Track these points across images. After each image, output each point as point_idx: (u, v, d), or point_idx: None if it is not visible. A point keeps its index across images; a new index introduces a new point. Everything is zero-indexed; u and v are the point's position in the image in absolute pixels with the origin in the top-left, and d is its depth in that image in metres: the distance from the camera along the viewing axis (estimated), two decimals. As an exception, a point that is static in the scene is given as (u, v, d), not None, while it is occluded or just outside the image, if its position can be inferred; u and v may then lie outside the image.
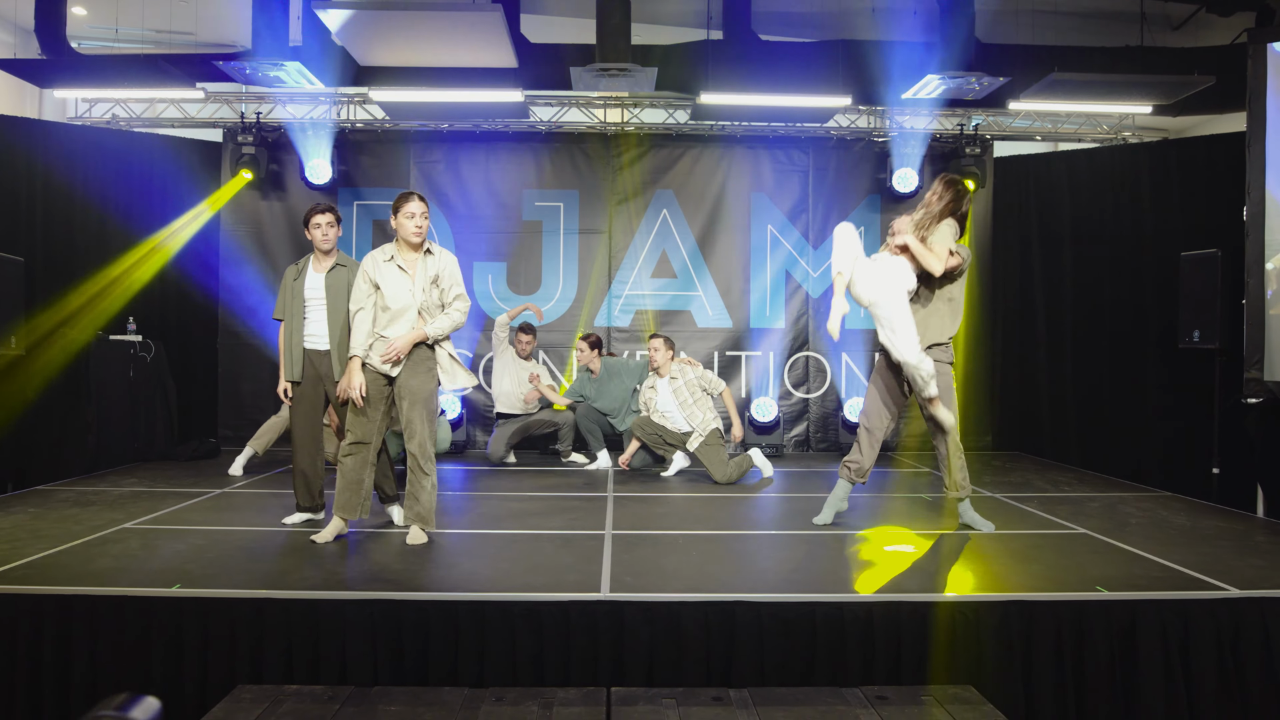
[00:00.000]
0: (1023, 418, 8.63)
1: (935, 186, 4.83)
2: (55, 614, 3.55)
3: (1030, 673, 3.62)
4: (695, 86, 7.28)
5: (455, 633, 3.54)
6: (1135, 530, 5.04)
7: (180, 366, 8.18)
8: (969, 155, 8.57)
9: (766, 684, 3.50)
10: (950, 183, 4.81)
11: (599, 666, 3.52)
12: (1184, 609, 3.69)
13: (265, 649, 3.54)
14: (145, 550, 4.34)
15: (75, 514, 5.20)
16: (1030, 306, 8.67)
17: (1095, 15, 7.90)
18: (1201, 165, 7.32)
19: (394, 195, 4.65)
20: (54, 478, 6.44)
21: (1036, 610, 3.65)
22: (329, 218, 4.90)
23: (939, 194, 4.79)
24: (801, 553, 4.48)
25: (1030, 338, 8.62)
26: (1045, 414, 8.40)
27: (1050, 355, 8.45)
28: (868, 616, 3.60)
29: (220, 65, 6.53)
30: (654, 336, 7.00)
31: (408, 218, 4.50)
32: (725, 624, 3.56)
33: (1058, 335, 8.42)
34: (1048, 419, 8.37)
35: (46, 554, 4.23)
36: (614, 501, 5.83)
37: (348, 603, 3.59)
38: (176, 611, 3.56)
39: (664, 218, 8.78)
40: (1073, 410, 8.19)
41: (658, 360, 6.88)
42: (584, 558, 4.24)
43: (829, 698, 3.22)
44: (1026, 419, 8.59)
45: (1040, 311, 8.58)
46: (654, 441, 6.98)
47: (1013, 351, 8.73)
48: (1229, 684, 3.64)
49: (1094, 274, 8.10)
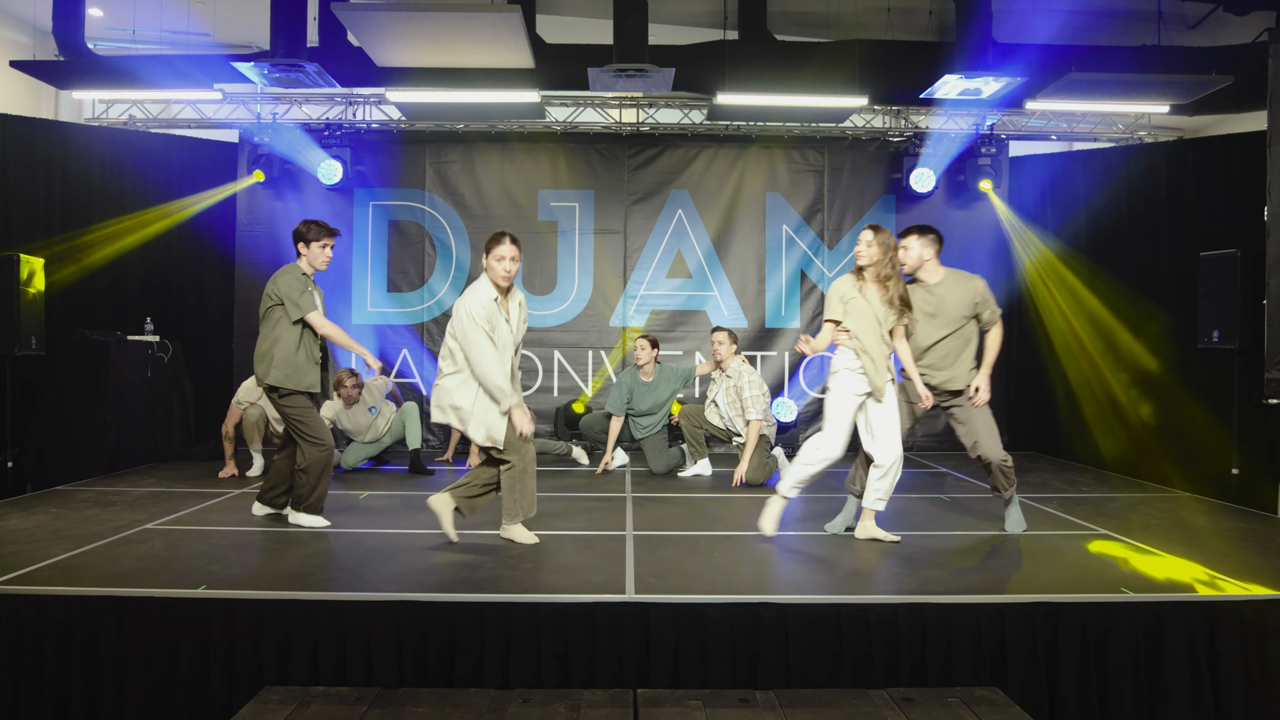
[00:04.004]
0: (1039, 418, 8.60)
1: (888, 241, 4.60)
2: (83, 616, 3.57)
3: (1055, 675, 3.62)
4: (712, 87, 7.27)
5: (481, 634, 3.55)
6: (1156, 531, 5.03)
7: (197, 367, 8.22)
8: (985, 155, 8.55)
9: (792, 685, 3.50)
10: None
11: (624, 667, 3.52)
12: (1210, 610, 3.68)
13: (291, 650, 3.55)
14: (169, 551, 4.36)
15: (97, 514, 5.23)
16: (1046, 306, 8.63)
17: (1112, 14, 7.87)
18: (1219, 165, 7.27)
19: (410, 195, 4.66)
20: (74, 478, 6.47)
21: (1061, 612, 3.64)
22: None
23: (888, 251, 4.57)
24: (822, 553, 4.47)
25: (1046, 337, 8.59)
26: (1063, 414, 8.37)
27: (1067, 355, 8.41)
28: (893, 618, 3.59)
29: (237, 66, 6.55)
30: (717, 330, 6.93)
31: (498, 260, 4.36)
32: (750, 625, 3.56)
33: (1075, 335, 8.38)
34: (1065, 419, 8.34)
35: (72, 554, 4.25)
36: (633, 502, 5.83)
37: (374, 604, 3.60)
38: (203, 612, 3.57)
39: (679, 218, 8.78)
40: (1090, 410, 8.15)
41: (720, 354, 6.83)
42: (607, 559, 4.25)
43: (855, 699, 3.22)
44: (1043, 419, 8.56)
45: (1057, 311, 8.54)
46: (693, 434, 6.96)
47: (1029, 351, 8.70)
48: (1255, 686, 3.62)
49: (1111, 273, 8.06)
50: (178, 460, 7.48)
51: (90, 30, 7.76)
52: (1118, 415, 7.89)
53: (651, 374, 7.24)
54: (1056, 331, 8.52)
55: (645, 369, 7.21)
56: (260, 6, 6.70)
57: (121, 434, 7.00)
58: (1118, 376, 7.92)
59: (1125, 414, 7.80)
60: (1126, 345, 7.84)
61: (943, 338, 4.82)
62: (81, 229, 7.65)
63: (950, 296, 4.80)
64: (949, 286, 4.83)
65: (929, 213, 8.86)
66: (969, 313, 4.83)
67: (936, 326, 4.82)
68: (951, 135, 8.76)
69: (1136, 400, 7.73)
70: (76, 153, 7.78)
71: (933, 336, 4.83)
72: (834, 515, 5.05)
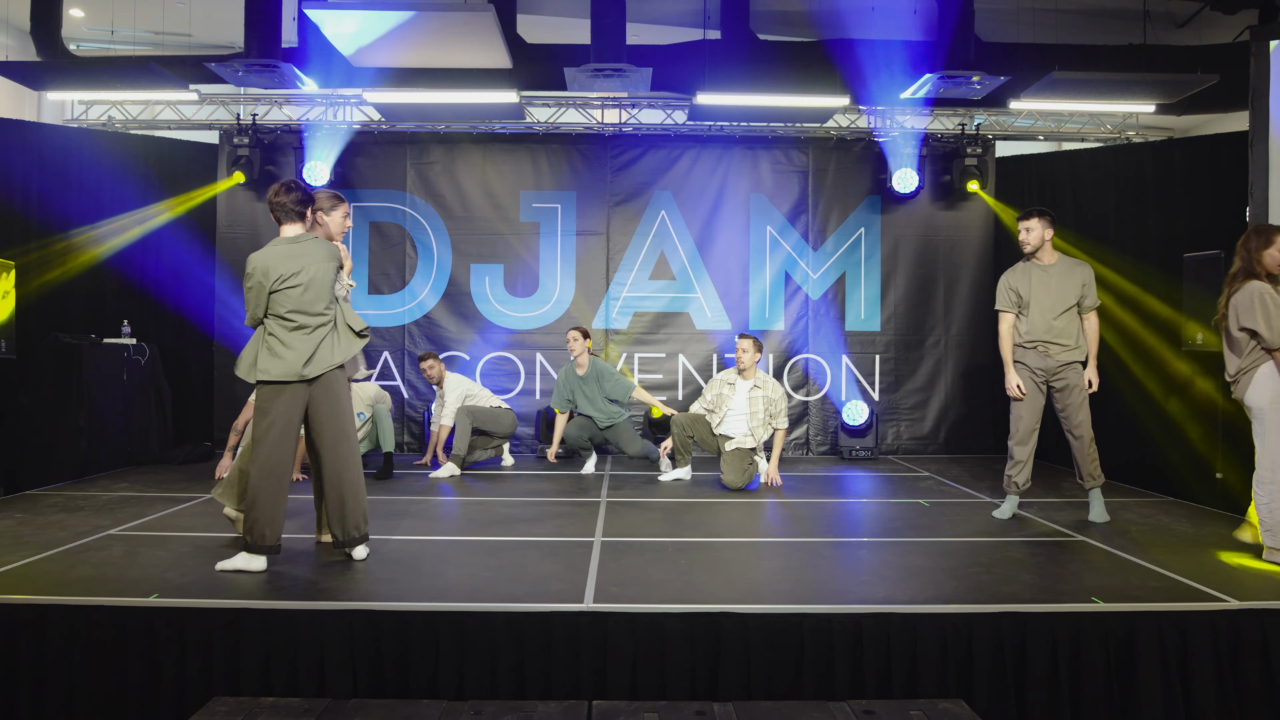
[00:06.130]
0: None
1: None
2: (31, 624, 3.50)
3: (1024, 687, 3.54)
4: (693, 86, 7.20)
5: (436, 644, 3.48)
6: (1135, 538, 4.96)
7: (176, 370, 8.15)
8: (970, 155, 8.49)
9: (753, 697, 3.43)
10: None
11: (581, 679, 3.45)
12: (1182, 621, 3.61)
13: (242, 660, 3.48)
14: (127, 558, 4.29)
15: (61, 519, 5.16)
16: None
17: (1098, 13, 7.81)
18: (1206, 165, 7.20)
19: (390, 197, 4.60)
20: (44, 482, 6.40)
21: (1030, 622, 3.56)
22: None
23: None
24: (791, 561, 4.40)
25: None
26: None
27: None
28: (856, 628, 3.52)
29: (212, 67, 6.49)
30: (743, 336, 6.77)
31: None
32: (710, 635, 3.49)
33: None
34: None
35: (28, 561, 4.18)
36: (606, 507, 5.76)
37: (326, 613, 3.53)
38: (152, 622, 3.50)
39: (662, 219, 8.71)
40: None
41: (745, 361, 6.69)
42: (570, 566, 4.18)
43: (814, 712, 3.14)
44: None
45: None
46: (683, 442, 6.85)
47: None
48: (1228, 698, 3.55)
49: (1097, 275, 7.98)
50: (154, 464, 7.41)
51: (70, 31, 7.71)
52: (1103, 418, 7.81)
53: (584, 366, 7.29)
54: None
55: (578, 360, 7.28)
56: (239, 7, 6.62)
57: (94, 438, 6.92)
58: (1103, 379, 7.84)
59: (1110, 417, 7.72)
60: (1112, 347, 7.77)
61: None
62: (59, 232, 7.58)
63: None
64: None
65: (915, 213, 8.81)
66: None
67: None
68: (938, 135, 8.70)
69: (1121, 403, 7.66)
70: (54, 154, 7.70)
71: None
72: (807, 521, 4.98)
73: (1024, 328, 5.32)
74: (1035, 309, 5.27)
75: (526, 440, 8.57)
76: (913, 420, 8.80)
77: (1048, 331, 5.26)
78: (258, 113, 8.56)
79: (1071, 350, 5.32)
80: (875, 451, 8.43)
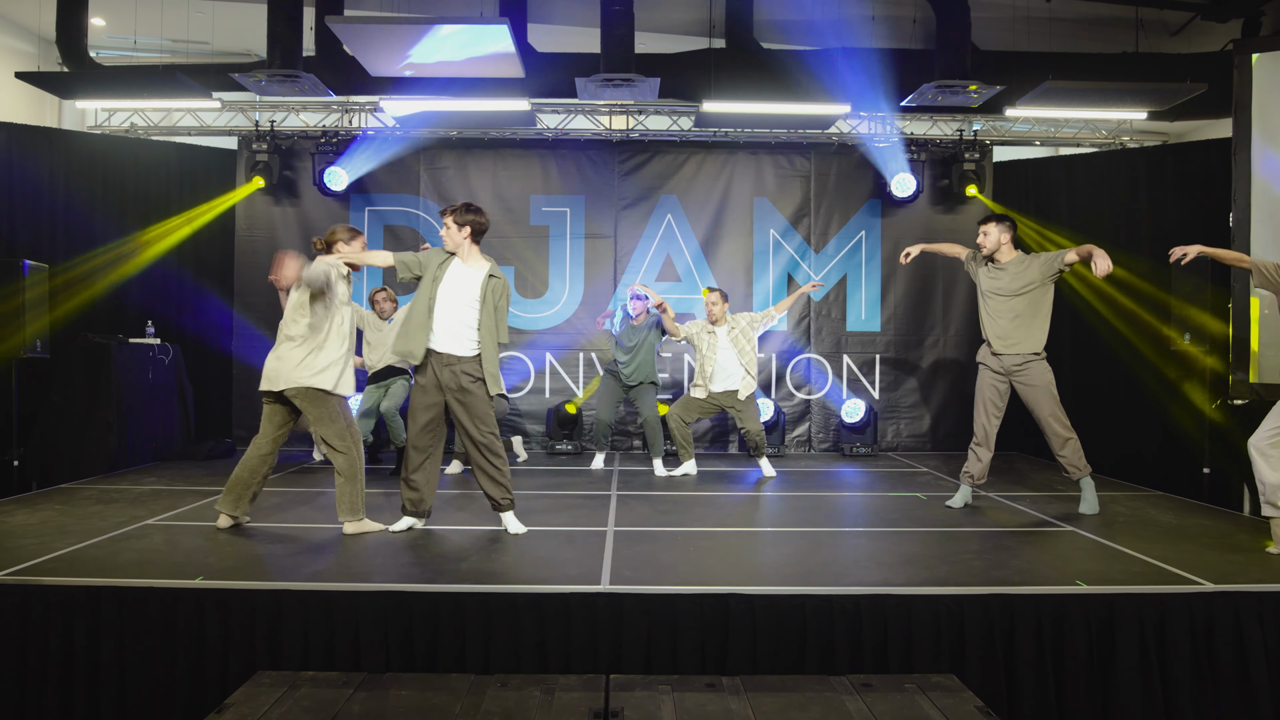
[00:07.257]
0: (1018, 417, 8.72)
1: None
2: (86, 605, 3.75)
3: (1012, 663, 3.78)
4: (699, 94, 7.45)
5: (463, 622, 3.73)
6: (1121, 528, 5.20)
7: (196, 369, 8.41)
8: (969, 160, 8.73)
9: (758, 672, 3.68)
10: None
11: (599, 655, 3.70)
12: (1160, 603, 3.85)
13: (283, 637, 3.73)
14: (168, 545, 4.54)
15: (100, 510, 5.41)
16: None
17: (1093, 21, 8.03)
18: (1197, 170, 7.43)
19: (404, 201, 4.86)
20: (77, 476, 6.66)
21: (1017, 603, 3.81)
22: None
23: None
24: (794, 548, 4.65)
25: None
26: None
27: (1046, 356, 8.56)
28: (855, 608, 3.77)
29: (235, 77, 6.73)
30: (711, 290, 7.12)
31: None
32: (719, 615, 3.74)
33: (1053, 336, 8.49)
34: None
35: (75, 548, 4.43)
36: (617, 500, 6.02)
37: (361, 594, 3.78)
38: (199, 602, 3.75)
39: (668, 222, 8.96)
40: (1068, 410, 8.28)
41: (715, 314, 7.05)
42: (586, 552, 4.43)
43: (816, 685, 3.39)
44: (1022, 418, 8.68)
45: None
46: (684, 435, 7.11)
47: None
48: (1202, 675, 3.79)
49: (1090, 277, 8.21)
50: (178, 459, 7.67)
51: (93, 39, 7.95)
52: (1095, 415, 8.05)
53: (642, 320, 7.41)
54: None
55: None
56: (260, 16, 6.85)
57: (123, 434, 7.19)
58: (1095, 377, 8.09)
59: (1102, 414, 7.96)
60: (1104, 347, 8.01)
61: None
62: (84, 239, 7.85)
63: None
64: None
65: (914, 217, 9.05)
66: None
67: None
68: (936, 141, 8.94)
69: (1113, 400, 7.89)
70: (79, 160, 7.97)
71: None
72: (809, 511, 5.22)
73: (985, 328, 5.76)
74: (990, 312, 5.69)
75: (537, 437, 8.83)
76: (912, 418, 9.05)
77: (1001, 335, 5.66)
78: (275, 119, 8.81)
79: (1019, 344, 5.66)
80: (875, 448, 8.69)
